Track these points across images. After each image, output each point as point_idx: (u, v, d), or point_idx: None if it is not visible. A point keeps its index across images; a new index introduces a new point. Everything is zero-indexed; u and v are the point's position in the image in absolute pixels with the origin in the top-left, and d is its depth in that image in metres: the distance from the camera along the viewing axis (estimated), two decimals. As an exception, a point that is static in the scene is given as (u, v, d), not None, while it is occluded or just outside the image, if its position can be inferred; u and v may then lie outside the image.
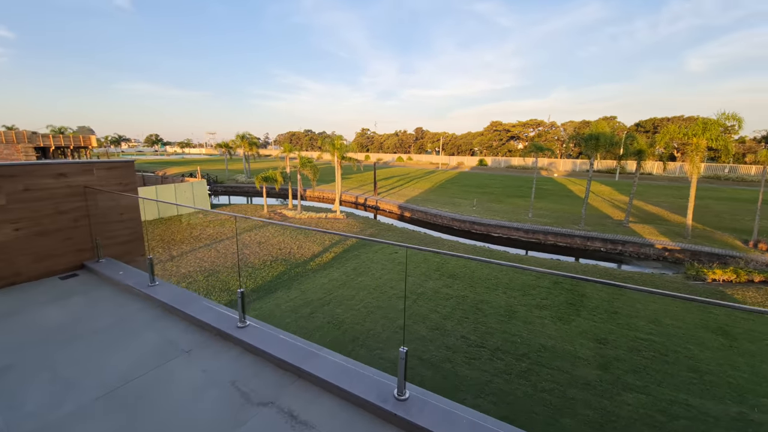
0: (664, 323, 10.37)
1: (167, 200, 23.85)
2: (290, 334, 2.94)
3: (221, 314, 3.27)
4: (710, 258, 16.78)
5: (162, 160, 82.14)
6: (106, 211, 5.01)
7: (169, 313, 3.55)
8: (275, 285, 12.96)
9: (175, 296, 3.75)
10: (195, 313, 3.31)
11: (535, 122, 73.23)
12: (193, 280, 13.29)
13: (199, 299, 3.62)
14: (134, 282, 4.16)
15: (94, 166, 4.88)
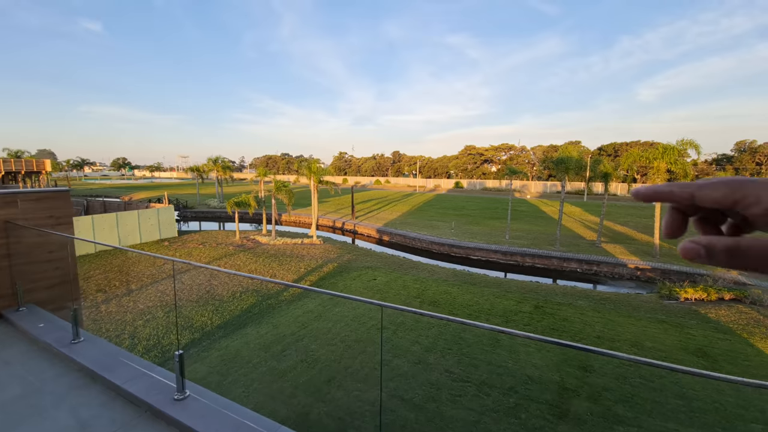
0: (646, 346, 10.27)
1: (125, 231, 22.28)
2: (239, 408, 2.35)
3: (156, 382, 2.63)
4: (680, 276, 17.28)
5: (129, 185, 78.50)
6: (31, 249, 4.26)
7: (92, 381, 2.86)
8: (245, 319, 11.97)
9: (102, 357, 3.07)
10: (123, 382, 2.66)
11: (506, 146, 76.34)
12: (152, 316, 12.07)
13: (131, 360, 2.96)
14: (55, 338, 3.43)
15: (19, 197, 4.17)
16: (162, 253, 20.18)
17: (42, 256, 4.34)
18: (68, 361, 3.16)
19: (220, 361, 9.30)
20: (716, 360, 9.92)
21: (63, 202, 4.50)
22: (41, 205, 4.36)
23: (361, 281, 15.63)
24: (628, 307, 13.27)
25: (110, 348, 3.23)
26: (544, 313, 12.37)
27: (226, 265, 18.02)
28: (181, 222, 37.15)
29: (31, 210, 4.27)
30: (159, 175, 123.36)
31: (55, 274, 4.49)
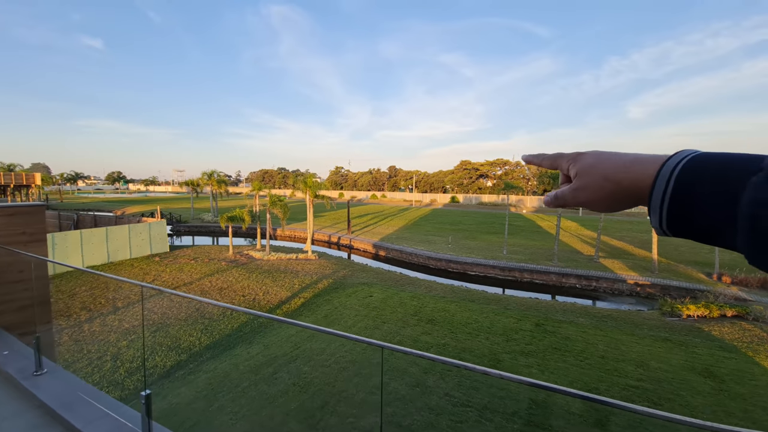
0: (652, 367, 9.93)
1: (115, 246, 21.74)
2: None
3: (119, 426, 2.30)
4: (680, 292, 17.07)
5: (122, 199, 77.77)
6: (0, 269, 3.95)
7: (52, 421, 2.52)
8: (235, 339, 11.47)
9: (64, 393, 2.72)
10: (84, 424, 2.32)
11: (501, 161, 77.13)
12: (137, 336, 11.54)
13: (96, 398, 2.62)
14: (18, 368, 3.09)
15: (-12, 212, 3.89)
16: (152, 268, 19.65)
17: (11, 276, 4.01)
18: (29, 396, 2.81)
19: (207, 384, 8.79)
20: (723, 380, 9.58)
21: (37, 218, 4.20)
22: (14, 221, 4.06)
23: (357, 298, 15.22)
24: (630, 325, 12.97)
25: (74, 382, 2.89)
26: (546, 331, 12.02)
27: (218, 281, 17.52)
28: (174, 236, 36.55)
29: (3, 226, 3.97)
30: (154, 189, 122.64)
31: (25, 295, 4.15)
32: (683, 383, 9.24)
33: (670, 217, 0.44)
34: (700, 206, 0.42)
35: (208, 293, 15.75)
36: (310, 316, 13.17)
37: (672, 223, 0.44)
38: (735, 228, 0.39)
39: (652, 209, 0.45)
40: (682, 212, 0.43)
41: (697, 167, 0.43)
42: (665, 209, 0.44)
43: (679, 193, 0.43)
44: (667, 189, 0.44)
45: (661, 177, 0.44)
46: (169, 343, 11.00)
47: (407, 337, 11.33)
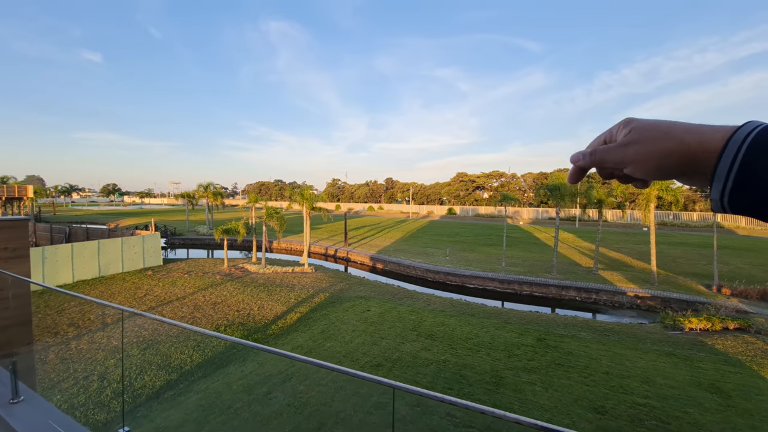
0: (657, 383, 9.68)
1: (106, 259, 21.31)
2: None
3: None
4: (680, 304, 16.92)
5: (117, 211, 77.01)
6: (-22, 287, 3.71)
7: (22, 458, 2.27)
8: (228, 357, 11.09)
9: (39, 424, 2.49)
10: (56, 463, 2.09)
11: (497, 173, 77.73)
12: (127, 354, 11.12)
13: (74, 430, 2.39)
14: (-11, 396, 2.84)
15: (-32, 228, 3.68)
16: (144, 283, 19.21)
17: (-11, 294, 3.78)
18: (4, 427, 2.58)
19: (197, 406, 8.41)
20: (730, 396, 9.35)
21: (20, 233, 3.99)
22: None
23: (355, 312, 14.89)
24: (633, 339, 12.75)
25: (50, 412, 2.64)
26: (548, 346, 11.76)
27: (212, 295, 17.11)
28: (169, 249, 36.02)
29: (-17, 241, 3.76)
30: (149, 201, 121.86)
31: (5, 315, 3.91)
32: (690, 400, 9.00)
33: (736, 186, 0.42)
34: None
35: (202, 308, 15.35)
36: (306, 332, 12.82)
37: (737, 193, 0.42)
38: None
39: (717, 177, 0.43)
40: (752, 181, 0.41)
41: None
42: (733, 176, 0.42)
43: (751, 161, 0.41)
44: (738, 154, 0.41)
45: (733, 142, 0.42)
46: (159, 362, 10.59)
47: (406, 354, 11.02)
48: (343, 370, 2.36)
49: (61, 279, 19.39)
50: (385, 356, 10.82)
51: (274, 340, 12.23)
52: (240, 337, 12.47)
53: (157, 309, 15.28)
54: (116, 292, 17.52)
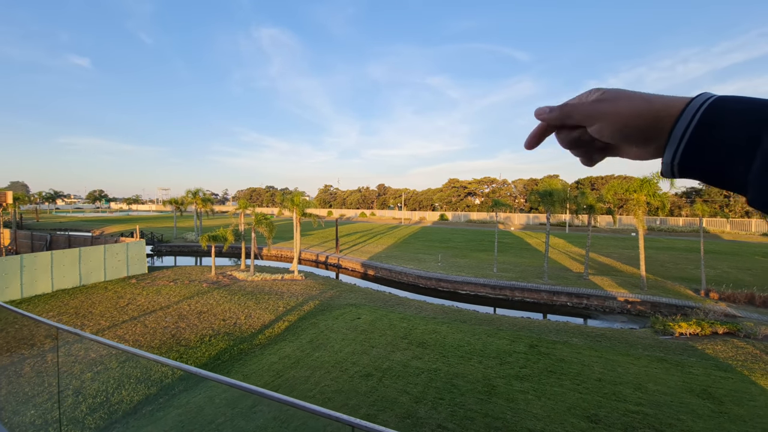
0: (650, 389, 9.58)
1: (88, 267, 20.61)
2: None
3: None
4: (670, 309, 17.00)
5: (103, 218, 75.33)
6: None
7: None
8: (211, 369, 10.66)
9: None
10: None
11: (488, 179, 78.35)
12: (104, 367, 10.62)
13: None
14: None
15: None
16: (127, 291, 18.59)
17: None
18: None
19: (177, 422, 8.00)
20: (722, 402, 9.29)
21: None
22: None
23: (345, 320, 14.57)
24: (624, 344, 12.69)
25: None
26: (540, 353, 11.61)
27: (198, 304, 16.61)
28: (155, 257, 35.18)
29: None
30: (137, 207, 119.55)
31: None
32: (683, 406, 8.90)
33: (689, 147, 0.46)
34: (722, 140, 0.44)
35: (186, 317, 14.85)
36: (294, 341, 12.45)
37: (689, 154, 0.47)
38: (751, 161, 0.42)
39: (671, 141, 0.48)
40: (701, 145, 0.46)
41: (724, 104, 0.46)
42: (685, 140, 0.46)
43: (704, 126, 0.46)
44: (693, 120, 0.46)
45: (689, 109, 0.47)
46: (139, 375, 10.13)
47: (397, 363, 10.74)
48: (299, 405, 2.09)
49: (40, 288, 18.66)
50: (375, 366, 10.53)
51: (261, 351, 11.84)
52: (224, 347, 12.05)
53: (139, 319, 14.73)
54: (97, 302, 16.89)
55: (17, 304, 17.23)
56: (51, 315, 15.30)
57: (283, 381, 9.74)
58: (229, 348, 12.07)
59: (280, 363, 10.82)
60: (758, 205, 0.43)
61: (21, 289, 18.06)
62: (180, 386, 9.63)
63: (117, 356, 11.26)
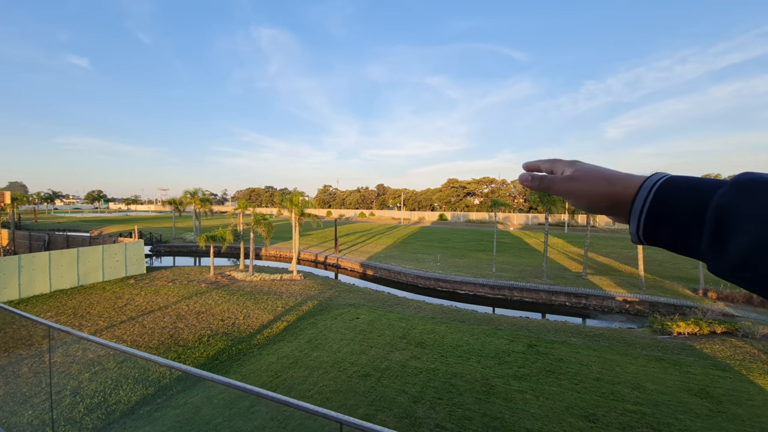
0: (648, 389, 9.59)
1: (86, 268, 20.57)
2: None
3: None
4: (668, 309, 17.03)
5: (101, 218, 75.20)
6: None
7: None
8: (210, 369, 10.64)
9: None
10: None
11: (488, 180, 78.39)
12: (102, 368, 10.59)
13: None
14: None
15: None
16: (126, 292, 18.55)
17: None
18: None
19: (174, 422, 7.98)
20: (720, 401, 9.30)
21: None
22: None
23: (343, 320, 14.56)
24: (622, 344, 12.70)
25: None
26: (538, 353, 11.61)
27: (196, 304, 16.58)
28: (154, 257, 35.13)
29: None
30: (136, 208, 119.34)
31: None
32: (681, 406, 8.91)
33: (647, 223, 0.52)
34: (673, 214, 0.50)
35: (185, 317, 14.83)
36: (293, 341, 12.44)
37: (648, 228, 0.52)
38: (701, 233, 0.47)
39: (633, 215, 0.54)
40: (658, 218, 0.51)
41: (673, 183, 0.52)
42: (644, 215, 0.52)
43: (657, 202, 0.51)
44: (648, 197, 0.52)
45: (644, 188, 0.53)
46: (136, 375, 10.11)
47: (395, 363, 10.74)
48: (291, 403, 2.09)
49: (38, 289, 18.61)
50: (373, 366, 10.53)
51: (259, 351, 11.82)
52: (223, 347, 12.03)
53: (138, 319, 14.70)
54: (95, 302, 16.85)
55: (15, 304, 17.18)
56: (49, 315, 15.26)
57: (282, 381, 9.73)
58: (227, 348, 12.05)
59: (279, 363, 10.80)
60: (715, 273, 0.47)
61: (19, 290, 18.01)
62: (178, 386, 9.61)
63: (115, 356, 11.23)
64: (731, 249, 0.43)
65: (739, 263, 0.42)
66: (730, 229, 0.43)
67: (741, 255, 0.42)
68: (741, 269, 0.43)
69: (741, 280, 0.44)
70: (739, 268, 0.43)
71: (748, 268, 0.42)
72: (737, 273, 0.44)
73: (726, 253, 0.44)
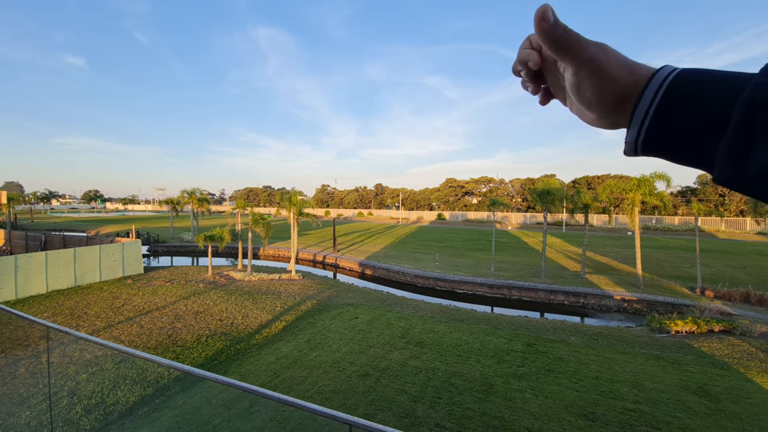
0: (647, 387, 9.62)
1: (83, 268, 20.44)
2: None
3: None
4: (666, 307, 17.09)
5: (98, 218, 74.83)
6: None
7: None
8: (208, 369, 10.58)
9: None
10: None
11: (486, 179, 78.50)
12: (99, 368, 10.52)
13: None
14: None
15: None
16: (123, 292, 18.45)
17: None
18: None
19: (173, 422, 7.94)
20: (719, 399, 9.34)
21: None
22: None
23: (342, 320, 14.53)
24: (621, 343, 12.74)
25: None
26: (537, 351, 11.63)
27: (194, 304, 16.51)
28: (151, 257, 34.98)
29: None
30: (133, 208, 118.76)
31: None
32: (679, 404, 8.94)
33: (653, 124, 0.44)
34: (690, 109, 0.42)
35: (183, 317, 14.76)
36: (292, 341, 12.40)
37: (654, 131, 0.45)
38: (721, 133, 0.40)
39: (636, 114, 0.46)
40: (669, 119, 0.43)
41: (691, 74, 0.43)
42: (652, 112, 0.44)
43: (671, 95, 0.43)
44: (660, 90, 0.44)
45: (655, 80, 0.45)
46: (134, 376, 10.05)
47: (395, 362, 10.72)
48: (297, 404, 2.06)
49: (35, 289, 18.48)
50: (372, 365, 10.51)
51: (258, 351, 11.78)
52: (221, 347, 11.98)
53: (135, 319, 14.62)
54: (92, 302, 16.75)
55: (11, 305, 17.05)
56: (46, 316, 15.16)
57: (281, 381, 9.69)
58: (225, 348, 12.00)
59: (278, 363, 10.76)
60: (725, 183, 0.41)
61: (15, 290, 17.88)
62: (176, 387, 9.56)
63: (112, 357, 11.16)
64: (760, 154, 0.36)
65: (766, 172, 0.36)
66: (765, 129, 0.36)
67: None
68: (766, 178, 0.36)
69: (762, 190, 0.38)
70: (765, 176, 0.36)
71: None
72: (761, 182, 0.37)
73: (753, 159, 0.37)
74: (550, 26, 0.49)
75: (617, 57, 0.49)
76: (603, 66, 0.48)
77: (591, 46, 0.49)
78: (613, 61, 0.48)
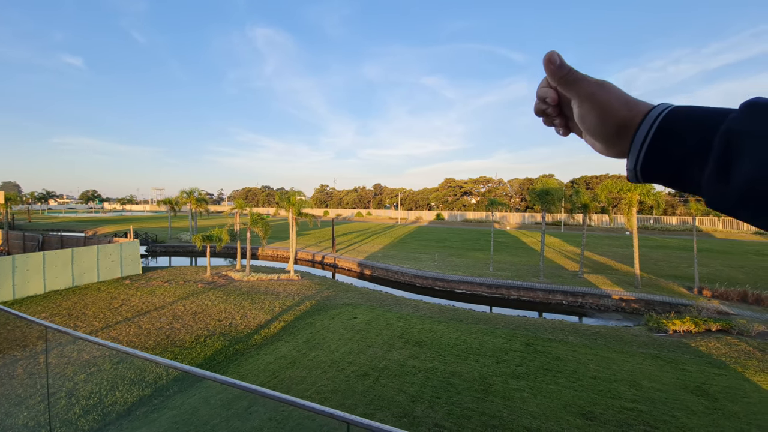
0: (645, 386, 9.65)
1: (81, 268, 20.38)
2: None
3: None
4: (663, 307, 17.15)
5: (96, 218, 74.59)
6: None
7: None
8: (207, 369, 10.56)
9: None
10: None
11: (484, 179, 78.61)
12: (97, 369, 10.49)
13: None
14: None
15: None
16: (121, 292, 18.40)
17: None
18: None
19: (171, 423, 7.92)
20: (716, 398, 9.38)
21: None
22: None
23: (341, 320, 14.53)
24: (619, 342, 12.78)
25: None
26: (536, 351, 11.65)
27: (193, 304, 16.48)
28: (150, 257, 34.89)
29: None
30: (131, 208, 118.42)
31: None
32: (677, 403, 8.98)
33: (649, 154, 0.50)
34: (678, 143, 0.48)
35: (181, 318, 14.73)
36: (290, 341, 12.39)
37: (649, 160, 0.51)
38: (706, 162, 0.45)
39: (633, 146, 0.52)
40: (661, 149, 0.49)
41: (680, 112, 0.49)
42: (646, 146, 0.50)
43: (662, 131, 0.49)
44: (652, 127, 0.50)
45: (648, 118, 0.51)
46: (132, 376, 10.02)
47: (393, 362, 10.73)
48: (298, 403, 2.06)
49: (32, 289, 18.41)
50: (371, 365, 10.51)
51: (257, 351, 11.77)
52: (220, 347, 11.96)
53: (133, 319, 14.58)
54: (90, 303, 16.70)
55: (9, 305, 16.99)
56: (43, 316, 15.10)
57: (279, 381, 9.68)
58: (224, 348, 11.98)
59: (276, 363, 10.76)
60: (714, 206, 0.45)
61: (13, 291, 17.81)
62: (174, 387, 9.54)
63: (110, 357, 11.13)
64: (737, 177, 0.41)
65: (745, 191, 0.40)
66: (737, 155, 0.41)
67: (749, 181, 0.39)
68: (746, 199, 0.40)
69: (745, 209, 0.42)
70: (744, 197, 0.40)
71: (754, 197, 0.39)
72: (742, 203, 0.41)
73: (732, 181, 0.41)
74: (557, 67, 0.58)
75: (617, 93, 0.56)
76: (601, 100, 0.56)
77: (591, 84, 0.57)
78: (612, 96, 0.56)
